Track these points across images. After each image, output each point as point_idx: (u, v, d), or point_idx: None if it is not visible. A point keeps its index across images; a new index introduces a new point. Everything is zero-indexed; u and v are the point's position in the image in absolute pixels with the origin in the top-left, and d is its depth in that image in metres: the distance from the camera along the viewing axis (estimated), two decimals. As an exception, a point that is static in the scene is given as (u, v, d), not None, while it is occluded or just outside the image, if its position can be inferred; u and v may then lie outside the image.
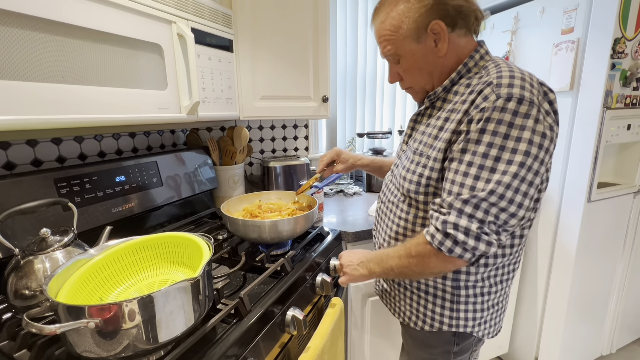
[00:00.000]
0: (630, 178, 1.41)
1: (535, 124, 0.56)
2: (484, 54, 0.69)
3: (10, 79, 0.56)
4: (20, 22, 0.57)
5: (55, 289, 0.53)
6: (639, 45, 1.22)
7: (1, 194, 0.72)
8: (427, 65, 0.70)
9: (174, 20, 0.87)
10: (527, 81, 0.58)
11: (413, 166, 0.71)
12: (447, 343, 0.79)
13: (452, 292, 0.74)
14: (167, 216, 1.17)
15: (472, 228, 0.58)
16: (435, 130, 0.69)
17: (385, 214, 0.82)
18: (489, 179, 0.57)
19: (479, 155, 0.58)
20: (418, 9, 0.65)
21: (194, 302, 0.57)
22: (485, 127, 0.57)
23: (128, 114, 0.78)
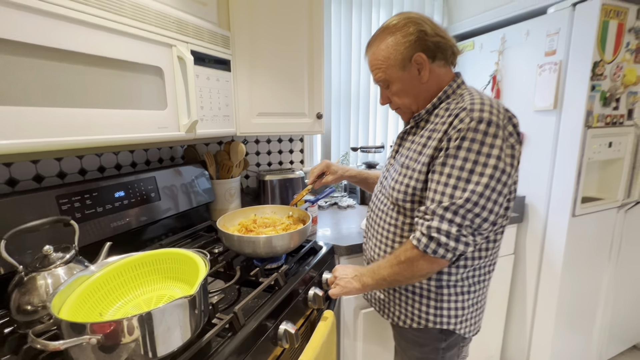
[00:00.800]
0: (614, 193, 1.47)
1: (502, 143, 0.67)
2: (460, 84, 0.81)
3: (18, 105, 0.60)
4: (28, 51, 0.61)
5: (58, 305, 0.56)
6: (618, 68, 1.28)
7: (5, 211, 0.75)
8: (412, 89, 0.81)
9: (174, 43, 0.92)
10: (494, 107, 0.69)
11: (401, 178, 0.81)
12: (435, 340, 0.86)
13: (435, 291, 0.82)
14: (164, 229, 1.19)
15: (452, 231, 0.68)
16: (420, 147, 0.79)
17: (375, 221, 0.90)
18: (465, 189, 0.67)
19: (457, 168, 0.68)
20: (403, 43, 0.77)
21: (190, 318, 0.60)
22: (461, 145, 0.68)
23: (129, 134, 0.81)
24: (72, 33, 0.67)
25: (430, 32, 0.76)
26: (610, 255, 1.55)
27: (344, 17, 1.74)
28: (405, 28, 0.77)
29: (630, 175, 1.45)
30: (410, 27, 0.76)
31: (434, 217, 0.70)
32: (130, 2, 0.78)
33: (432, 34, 0.76)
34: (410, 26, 0.76)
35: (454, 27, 1.89)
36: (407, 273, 0.75)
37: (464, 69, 1.78)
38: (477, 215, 0.68)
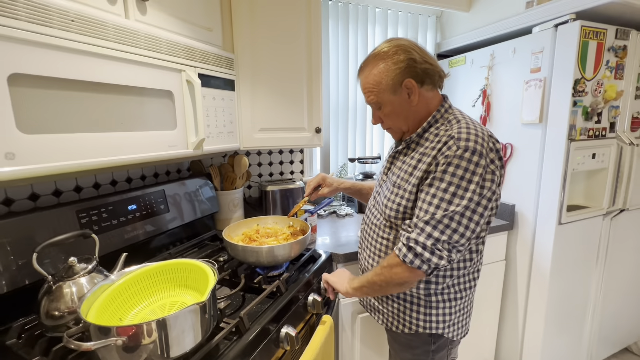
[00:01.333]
0: (599, 201, 1.54)
1: (482, 170, 0.75)
2: (447, 108, 0.88)
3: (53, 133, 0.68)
4: (60, 85, 0.69)
5: (85, 311, 0.63)
6: (598, 84, 1.36)
7: (32, 226, 0.83)
8: (402, 111, 0.87)
9: (183, 69, 1.00)
10: (479, 136, 0.76)
11: (393, 196, 0.87)
12: (425, 343, 0.93)
13: (425, 298, 0.89)
14: (172, 239, 1.27)
15: (428, 244, 0.75)
16: (410, 168, 0.85)
17: (369, 234, 0.97)
18: (446, 208, 0.74)
19: (441, 190, 0.75)
20: (394, 69, 0.82)
21: (201, 322, 0.67)
22: (447, 169, 0.75)
23: (142, 154, 0.89)
24: (96, 66, 0.75)
25: (419, 59, 0.82)
26: (597, 261, 1.61)
27: (341, 33, 1.83)
28: (396, 56, 0.82)
29: (614, 185, 1.53)
30: (401, 54, 0.82)
31: (414, 230, 0.77)
32: (144, 34, 0.87)
33: (421, 61, 0.82)
34: (401, 54, 0.82)
35: (446, 42, 1.98)
36: (386, 277, 0.81)
37: (457, 82, 1.87)
38: (455, 231, 0.74)
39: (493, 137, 0.80)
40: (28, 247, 0.82)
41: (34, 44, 0.64)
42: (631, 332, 1.91)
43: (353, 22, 1.85)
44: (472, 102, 1.76)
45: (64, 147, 0.70)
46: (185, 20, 1.04)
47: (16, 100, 0.63)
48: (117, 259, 0.86)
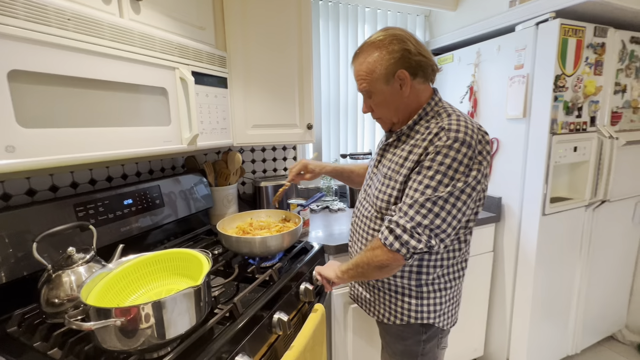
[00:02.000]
0: (581, 193, 1.59)
1: (470, 161, 0.77)
2: (437, 101, 0.89)
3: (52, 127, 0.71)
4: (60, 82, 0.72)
5: (85, 296, 0.66)
6: (578, 80, 1.42)
7: (32, 218, 0.85)
8: (393, 102, 0.88)
9: (177, 66, 1.03)
10: (469, 128, 0.78)
11: (384, 188, 0.89)
12: (417, 333, 0.95)
13: (416, 289, 0.91)
14: (167, 233, 1.30)
15: (407, 226, 0.76)
16: (401, 160, 0.87)
17: (359, 226, 0.98)
18: (430, 194, 0.76)
19: (427, 177, 0.77)
20: (388, 59, 0.82)
21: (196, 306, 0.71)
22: (435, 158, 0.77)
23: (138, 148, 0.92)
24: (92, 64, 0.78)
25: (413, 50, 0.82)
26: (581, 250, 1.67)
27: (332, 32, 1.87)
28: (391, 45, 0.82)
29: (595, 177, 1.58)
30: (396, 44, 0.82)
31: (397, 213, 0.79)
32: (138, 33, 0.90)
33: (415, 53, 0.82)
34: (396, 44, 0.82)
35: (435, 41, 2.03)
36: (368, 259, 0.83)
37: (446, 79, 1.92)
38: (437, 215, 0.75)
39: (482, 130, 0.82)
40: (26, 240, 0.84)
41: (32, 42, 0.67)
42: (616, 321, 1.97)
43: (343, 21, 1.89)
44: (459, 99, 1.81)
45: (62, 141, 0.73)
46: (179, 20, 1.07)
47: (16, 96, 0.66)
48: (113, 252, 0.89)
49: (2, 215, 0.83)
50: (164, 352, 0.70)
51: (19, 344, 0.72)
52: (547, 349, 1.71)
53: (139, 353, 0.66)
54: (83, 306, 0.63)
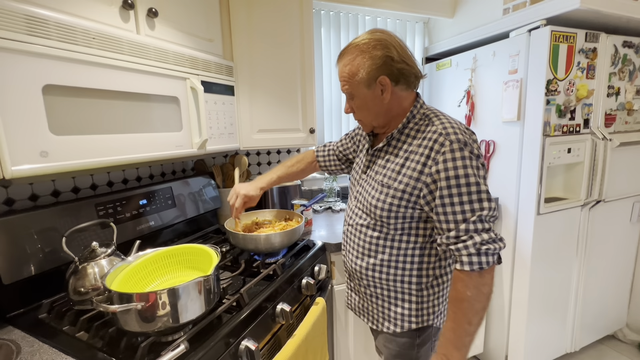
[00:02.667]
0: (577, 193, 1.64)
1: (477, 161, 0.78)
2: (422, 104, 0.90)
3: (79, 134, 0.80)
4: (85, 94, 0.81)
5: (109, 284, 0.74)
6: (570, 84, 1.47)
7: (58, 217, 0.95)
8: (374, 107, 0.87)
9: (188, 77, 1.12)
10: (461, 130, 0.80)
11: (382, 196, 0.86)
12: (411, 337, 0.94)
13: (417, 294, 0.90)
14: (178, 232, 1.38)
15: (492, 235, 0.75)
16: (397, 166, 0.85)
17: (354, 235, 0.95)
18: (479, 199, 0.75)
19: (462, 187, 0.75)
20: (370, 64, 0.82)
21: (206, 295, 0.78)
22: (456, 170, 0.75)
23: (153, 153, 1.01)
24: (113, 77, 0.87)
25: (396, 58, 0.81)
26: (577, 249, 1.71)
27: (333, 40, 1.95)
28: (375, 50, 0.81)
29: (590, 177, 1.63)
30: (379, 50, 0.81)
31: (473, 235, 0.74)
32: (153, 47, 0.99)
33: (398, 60, 0.81)
34: (379, 49, 0.81)
35: (433, 46, 2.10)
36: (482, 300, 0.76)
37: (444, 83, 1.98)
38: (491, 216, 0.76)
39: (469, 130, 0.84)
40: (53, 237, 0.94)
41: (63, 59, 0.77)
42: (616, 319, 2.00)
43: (344, 29, 1.97)
44: (457, 103, 1.87)
45: (87, 147, 0.82)
46: (189, 33, 1.16)
47: (49, 107, 0.75)
48: (129, 248, 0.97)
49: (31, 215, 0.92)
50: (177, 336, 0.77)
51: (49, 328, 0.81)
52: (546, 346, 1.75)
53: (156, 335, 0.73)
54: (107, 292, 0.71)
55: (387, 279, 0.91)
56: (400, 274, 0.90)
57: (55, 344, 0.75)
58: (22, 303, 0.89)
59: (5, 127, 0.67)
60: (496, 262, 0.76)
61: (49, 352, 0.72)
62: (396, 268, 0.90)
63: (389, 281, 0.91)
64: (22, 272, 0.87)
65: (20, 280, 0.86)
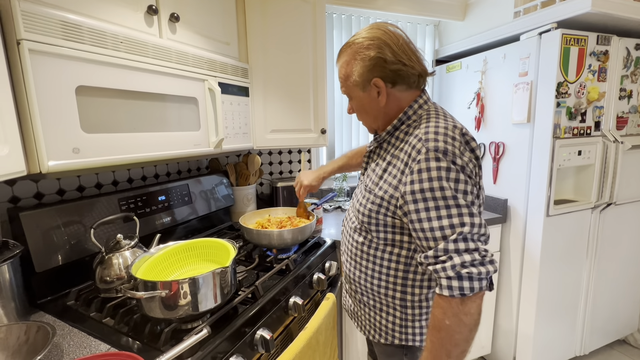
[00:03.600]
0: (587, 196, 1.64)
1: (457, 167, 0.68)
2: (422, 103, 0.80)
3: (107, 132, 0.85)
4: (111, 94, 0.86)
5: (134, 272, 0.79)
6: (581, 87, 1.48)
7: (83, 210, 1.00)
8: (371, 109, 0.83)
9: (206, 78, 1.17)
10: (449, 136, 0.69)
11: (364, 201, 0.82)
12: (399, 354, 0.88)
13: (400, 310, 0.83)
14: (194, 228, 1.44)
15: (477, 257, 0.63)
16: (380, 171, 0.81)
17: (346, 237, 0.93)
18: (459, 214, 0.65)
19: (438, 201, 0.66)
20: (362, 66, 0.77)
21: (224, 285, 0.82)
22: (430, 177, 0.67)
23: (173, 151, 1.06)
24: (138, 78, 0.92)
25: (390, 59, 0.75)
26: (587, 252, 1.71)
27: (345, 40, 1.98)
28: (367, 51, 0.76)
29: (601, 180, 1.63)
30: (372, 51, 0.75)
31: (452, 255, 0.64)
32: (175, 50, 1.04)
33: (392, 61, 0.75)
34: (372, 50, 0.75)
35: (444, 49, 2.12)
36: (463, 331, 0.65)
37: (454, 85, 2.00)
38: (479, 234, 0.66)
39: (467, 135, 0.72)
40: (78, 229, 0.99)
41: (94, 62, 0.82)
42: (627, 324, 1.98)
43: (356, 30, 2.00)
44: (467, 105, 1.89)
45: (114, 144, 0.87)
46: (208, 37, 1.21)
47: (81, 107, 0.80)
48: (149, 242, 1.02)
49: (59, 208, 0.98)
50: (196, 324, 0.82)
51: (78, 314, 0.86)
52: (555, 349, 1.75)
53: (178, 322, 0.78)
54: (133, 281, 0.76)
55: (371, 288, 0.86)
56: (384, 285, 0.83)
57: (84, 328, 0.80)
58: (51, 290, 0.95)
59: (43, 125, 0.73)
60: (484, 288, 0.65)
61: (78, 336, 0.77)
62: (379, 279, 0.83)
63: (374, 291, 0.86)
64: (51, 262, 0.93)
65: (49, 269, 0.92)
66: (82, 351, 0.72)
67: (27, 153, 0.73)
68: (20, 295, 0.82)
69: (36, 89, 0.71)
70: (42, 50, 0.71)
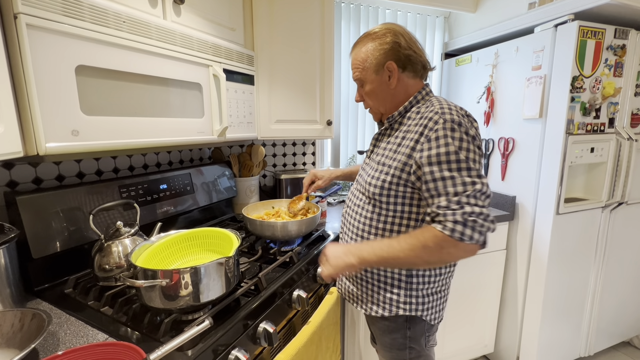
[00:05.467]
0: (598, 194, 1.60)
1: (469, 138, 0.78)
2: (428, 92, 0.92)
3: (109, 115, 0.82)
4: (112, 76, 0.83)
5: (134, 260, 0.76)
6: (596, 82, 1.43)
7: (83, 196, 0.97)
8: (381, 92, 0.92)
9: (211, 64, 1.13)
10: (459, 112, 0.81)
11: (377, 174, 0.88)
12: (402, 328, 0.93)
13: (406, 280, 0.90)
14: (195, 219, 1.41)
15: (484, 211, 0.72)
16: (395, 146, 0.88)
17: (351, 215, 0.97)
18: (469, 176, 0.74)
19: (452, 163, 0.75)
20: (379, 50, 0.88)
21: (226, 276, 0.80)
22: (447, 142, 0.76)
23: (176, 137, 1.02)
24: (141, 60, 0.89)
25: (404, 44, 0.87)
26: (596, 252, 1.67)
27: (353, 33, 1.94)
28: (384, 37, 0.87)
29: (613, 178, 1.59)
30: (388, 37, 0.87)
31: (465, 205, 0.72)
32: (179, 33, 1.00)
33: (406, 47, 0.87)
34: (388, 36, 0.87)
35: (454, 42, 2.07)
36: (433, 258, 0.75)
37: (464, 79, 1.95)
38: (486, 195, 0.75)
39: (471, 116, 0.84)
40: (77, 216, 0.97)
41: (95, 41, 0.78)
42: (633, 326, 1.95)
43: (364, 22, 1.95)
44: (477, 99, 1.84)
45: (115, 128, 0.84)
46: (213, 21, 1.17)
47: (80, 87, 0.77)
48: (149, 232, 0.99)
49: (58, 193, 0.95)
50: (197, 315, 0.79)
51: (75, 302, 0.83)
52: (559, 349, 1.72)
53: (178, 312, 0.75)
54: (133, 269, 0.73)
55: None
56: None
57: (81, 316, 0.77)
58: (48, 278, 0.92)
59: (41, 104, 0.69)
60: (480, 242, 0.72)
61: (75, 324, 0.75)
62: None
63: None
64: (49, 248, 0.90)
65: (47, 256, 0.89)
66: (78, 340, 0.70)
67: (24, 133, 0.70)
68: (16, 282, 0.79)
69: (34, 66, 0.68)
70: (40, 26, 0.68)
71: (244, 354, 0.75)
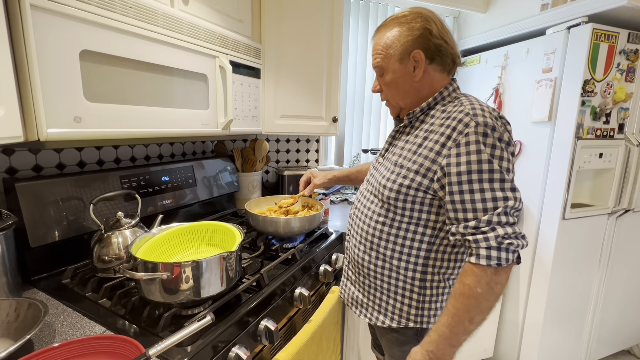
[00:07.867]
0: (605, 201, 1.58)
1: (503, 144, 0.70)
2: (455, 88, 0.82)
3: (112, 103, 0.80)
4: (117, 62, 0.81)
5: (134, 252, 0.74)
6: (608, 86, 1.41)
7: (83, 186, 0.95)
8: (403, 84, 0.81)
9: (217, 55, 1.11)
10: (492, 115, 0.72)
11: (393, 176, 0.79)
12: (413, 341, 0.84)
13: (419, 291, 0.82)
14: (196, 212, 1.39)
15: (516, 230, 0.67)
16: (415, 146, 0.78)
17: (360, 218, 0.88)
18: (502, 188, 0.67)
19: (484, 174, 0.67)
20: (407, 36, 0.77)
21: (228, 271, 0.78)
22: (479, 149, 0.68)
23: (180, 128, 1.00)
24: (147, 48, 0.87)
25: (435, 32, 0.76)
26: (600, 259, 1.65)
27: (361, 30, 1.92)
28: (413, 22, 0.76)
29: (620, 185, 1.56)
30: (418, 22, 0.76)
31: (497, 227, 0.66)
32: (186, 22, 0.98)
33: (437, 36, 0.76)
34: (418, 21, 0.76)
35: (462, 42, 2.04)
36: (492, 299, 0.68)
37: (471, 81, 1.93)
38: (517, 209, 0.69)
39: (504, 118, 0.75)
40: (77, 205, 0.94)
41: (101, 26, 0.76)
42: (633, 335, 1.93)
43: (373, 20, 1.93)
44: (484, 101, 1.82)
45: (119, 116, 0.82)
46: (220, 12, 1.15)
47: (84, 73, 0.74)
48: (149, 224, 0.97)
49: (58, 181, 0.93)
50: (197, 310, 0.77)
51: (73, 293, 0.81)
52: (559, 355, 1.70)
53: (178, 307, 0.73)
54: (133, 261, 0.71)
55: (389, 269, 0.83)
56: (404, 266, 0.81)
57: (78, 308, 0.75)
58: (46, 267, 0.90)
59: (44, 89, 0.67)
60: (515, 261, 0.68)
61: (72, 316, 0.73)
62: (399, 260, 0.81)
63: (392, 272, 0.82)
64: (47, 237, 0.88)
65: (45, 245, 0.87)
66: (75, 332, 0.68)
67: (25, 118, 0.68)
68: (12, 271, 0.77)
69: (37, 49, 0.66)
70: (44, 7, 0.66)
71: (244, 351, 0.73)
